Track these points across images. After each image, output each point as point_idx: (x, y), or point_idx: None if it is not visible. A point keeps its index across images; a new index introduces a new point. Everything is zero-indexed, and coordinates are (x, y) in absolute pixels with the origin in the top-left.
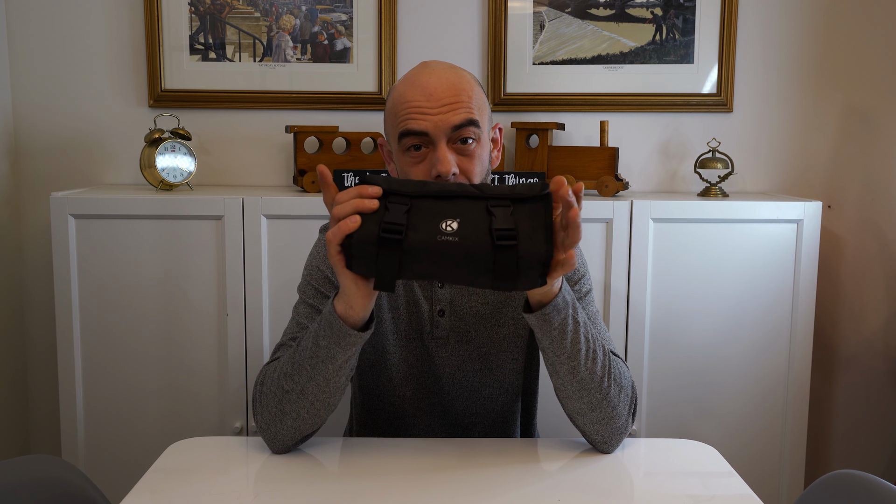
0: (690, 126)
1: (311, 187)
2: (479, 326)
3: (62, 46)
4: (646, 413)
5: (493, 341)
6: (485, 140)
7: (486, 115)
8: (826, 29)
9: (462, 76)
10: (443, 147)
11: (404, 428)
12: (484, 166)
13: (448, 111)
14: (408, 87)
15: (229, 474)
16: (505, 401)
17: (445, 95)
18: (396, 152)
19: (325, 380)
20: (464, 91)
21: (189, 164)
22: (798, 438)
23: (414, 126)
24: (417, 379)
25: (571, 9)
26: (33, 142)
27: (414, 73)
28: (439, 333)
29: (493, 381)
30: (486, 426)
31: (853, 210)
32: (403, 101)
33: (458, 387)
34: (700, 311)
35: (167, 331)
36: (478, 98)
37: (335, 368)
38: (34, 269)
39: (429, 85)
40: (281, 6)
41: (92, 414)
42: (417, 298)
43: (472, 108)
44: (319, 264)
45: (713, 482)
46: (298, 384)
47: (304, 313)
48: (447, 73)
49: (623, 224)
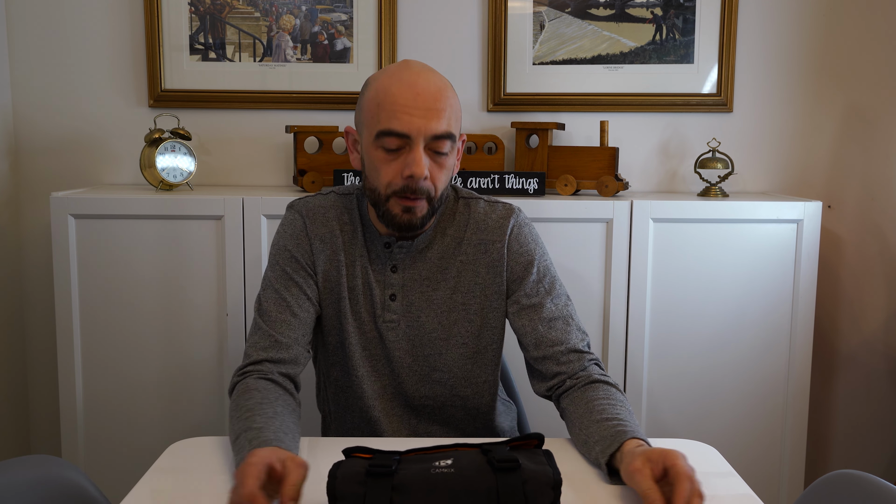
0: (690, 126)
1: (311, 187)
2: (429, 312)
3: (62, 46)
4: (646, 413)
5: (443, 327)
6: (454, 152)
7: (459, 128)
8: (826, 29)
9: (446, 83)
10: (419, 150)
11: (366, 408)
12: (448, 177)
13: (432, 116)
14: (394, 83)
15: (229, 474)
16: (455, 385)
17: (431, 99)
18: (368, 145)
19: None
20: (447, 99)
21: (189, 164)
22: (798, 438)
23: (397, 127)
24: (371, 361)
25: (571, 9)
26: (33, 142)
27: (399, 70)
28: (390, 317)
29: (442, 365)
30: (435, 410)
31: (853, 210)
32: (389, 96)
33: (408, 370)
34: (700, 311)
35: (167, 330)
36: (456, 110)
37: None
38: (34, 269)
39: (417, 84)
40: (281, 6)
41: (92, 414)
42: (370, 282)
43: (451, 120)
44: (286, 243)
45: (713, 482)
46: (232, 431)
47: (270, 299)
48: (433, 77)
49: (623, 224)
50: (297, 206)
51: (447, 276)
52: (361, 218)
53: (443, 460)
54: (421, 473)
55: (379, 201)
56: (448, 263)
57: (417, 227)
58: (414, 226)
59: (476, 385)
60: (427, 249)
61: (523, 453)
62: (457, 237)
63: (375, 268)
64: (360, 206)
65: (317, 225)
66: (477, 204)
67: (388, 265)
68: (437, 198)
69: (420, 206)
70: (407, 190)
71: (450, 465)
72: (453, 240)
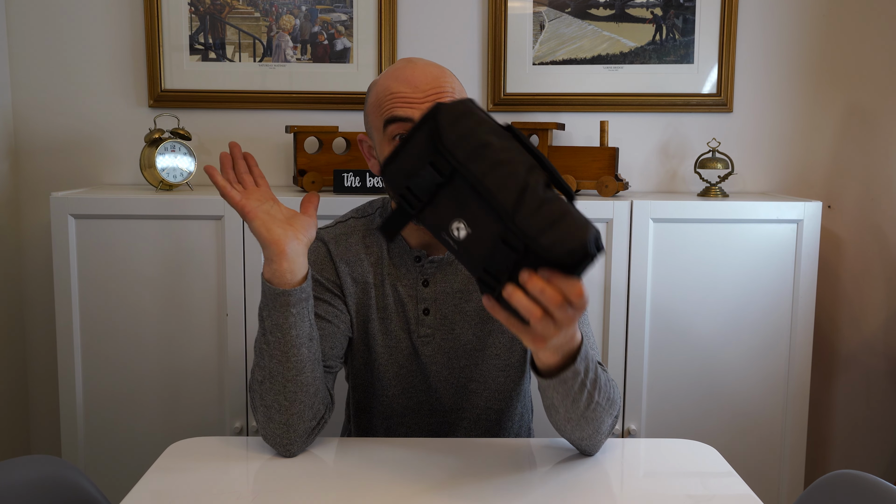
0: (690, 126)
1: (310, 187)
2: (463, 324)
3: (62, 46)
4: (646, 413)
5: (478, 338)
6: None
7: None
8: (826, 29)
9: (444, 70)
10: None
11: (394, 426)
12: None
13: (434, 99)
14: (391, 81)
15: (229, 474)
16: (490, 397)
17: (430, 86)
18: (380, 142)
19: (283, 353)
20: (447, 83)
21: (189, 164)
22: (798, 438)
23: (400, 113)
24: (406, 378)
25: (571, 9)
26: (33, 142)
27: (397, 68)
28: (425, 332)
29: (478, 376)
30: (471, 422)
31: (853, 210)
32: (388, 93)
33: (444, 384)
34: (700, 311)
35: (167, 330)
36: (459, 91)
37: (286, 338)
38: (34, 269)
39: (413, 77)
40: (281, 6)
41: (92, 414)
42: (402, 298)
43: (455, 97)
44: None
45: (713, 482)
46: (265, 369)
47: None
48: (429, 67)
49: (623, 224)
50: (318, 234)
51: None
52: None
53: (460, 227)
54: (435, 230)
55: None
56: None
57: None
58: None
59: (510, 394)
60: (457, 261)
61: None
62: None
63: (405, 283)
64: None
65: (341, 249)
66: None
67: (420, 280)
68: None
69: None
70: None
71: (459, 240)
72: None
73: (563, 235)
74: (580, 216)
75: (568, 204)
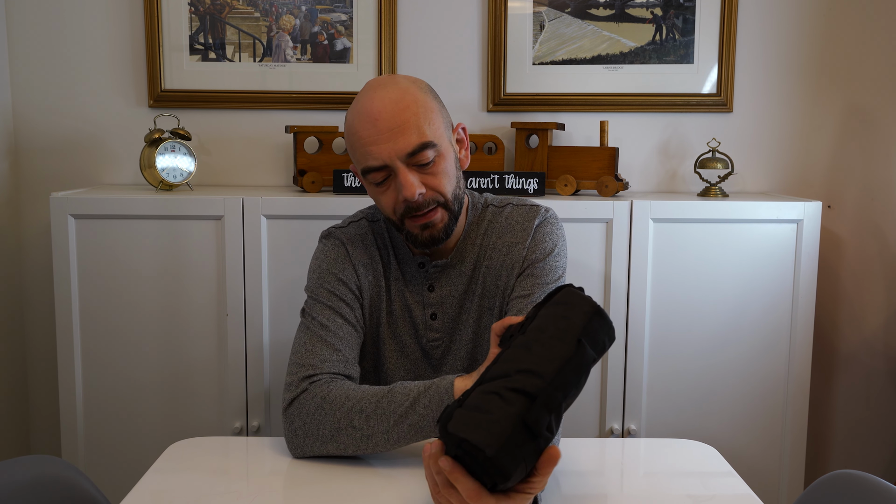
0: (690, 126)
1: (310, 187)
2: (468, 324)
3: (62, 46)
4: (646, 413)
5: (485, 340)
6: (446, 151)
7: (441, 124)
8: (826, 29)
9: (405, 92)
10: (403, 172)
11: None
12: (452, 177)
13: (397, 135)
14: (356, 118)
15: (229, 474)
16: None
17: (390, 118)
18: (363, 180)
19: (398, 440)
20: (408, 109)
21: (189, 164)
22: (798, 438)
23: (372, 163)
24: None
25: (571, 9)
26: (33, 142)
27: (360, 98)
28: (433, 336)
29: None
30: None
31: (853, 210)
32: (354, 134)
33: None
34: (700, 311)
35: (167, 330)
36: (426, 113)
37: (411, 439)
38: (34, 269)
39: (372, 111)
40: (281, 6)
41: (92, 414)
42: (409, 303)
43: (421, 128)
44: (330, 267)
45: (713, 482)
46: (371, 428)
47: (324, 315)
48: (389, 93)
49: (623, 224)
50: (335, 234)
51: (477, 283)
52: (392, 241)
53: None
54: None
55: (397, 227)
56: (478, 273)
57: (442, 237)
58: (438, 239)
59: None
60: (460, 264)
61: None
62: (486, 246)
63: (412, 289)
64: (390, 230)
65: (358, 251)
66: (504, 210)
67: (425, 285)
68: (452, 200)
69: (436, 217)
70: (412, 209)
71: None
72: (483, 249)
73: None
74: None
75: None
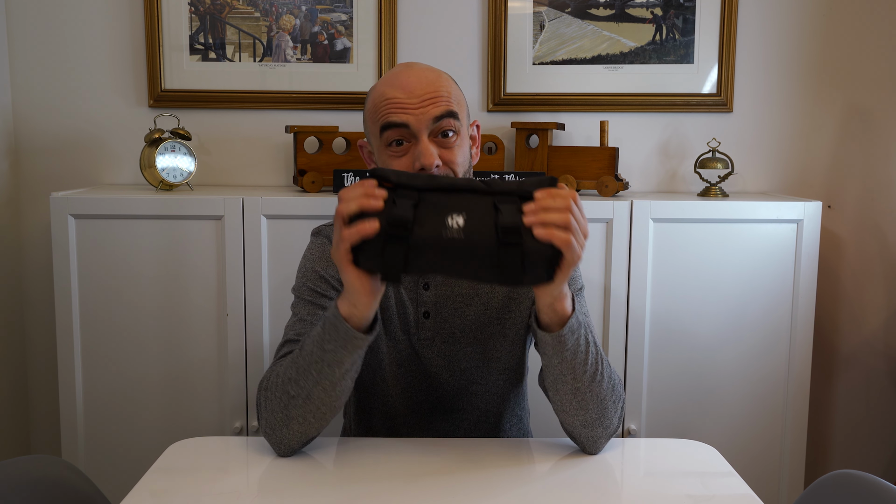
0: (690, 126)
1: (310, 187)
2: (463, 328)
3: (62, 46)
4: (646, 413)
5: (479, 341)
6: (464, 134)
7: (465, 111)
8: (826, 29)
9: (440, 74)
10: (425, 140)
11: (396, 427)
12: (466, 158)
13: (428, 105)
14: (387, 87)
15: (229, 474)
16: (490, 399)
17: (424, 91)
18: (378, 148)
19: (332, 384)
20: (442, 86)
21: (189, 164)
22: (798, 438)
23: (395, 118)
24: (407, 379)
25: (571, 9)
26: (33, 142)
27: (392, 74)
28: (424, 335)
29: (479, 379)
30: (471, 423)
31: (853, 210)
32: (384, 99)
33: (444, 386)
34: (700, 311)
35: (167, 330)
36: (456, 94)
37: (341, 372)
38: (34, 269)
39: (408, 83)
40: (281, 6)
41: (92, 414)
42: (404, 300)
43: (451, 102)
44: (314, 265)
45: (713, 482)
46: (304, 389)
47: (305, 310)
48: (425, 72)
49: (623, 224)
50: (324, 232)
51: (480, 291)
52: None
53: (456, 217)
54: (434, 235)
55: None
56: None
57: None
58: None
59: (509, 396)
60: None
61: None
62: None
63: (406, 286)
64: None
65: None
66: None
67: (420, 283)
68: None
69: None
70: None
71: (461, 228)
72: None
73: (533, 181)
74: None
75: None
